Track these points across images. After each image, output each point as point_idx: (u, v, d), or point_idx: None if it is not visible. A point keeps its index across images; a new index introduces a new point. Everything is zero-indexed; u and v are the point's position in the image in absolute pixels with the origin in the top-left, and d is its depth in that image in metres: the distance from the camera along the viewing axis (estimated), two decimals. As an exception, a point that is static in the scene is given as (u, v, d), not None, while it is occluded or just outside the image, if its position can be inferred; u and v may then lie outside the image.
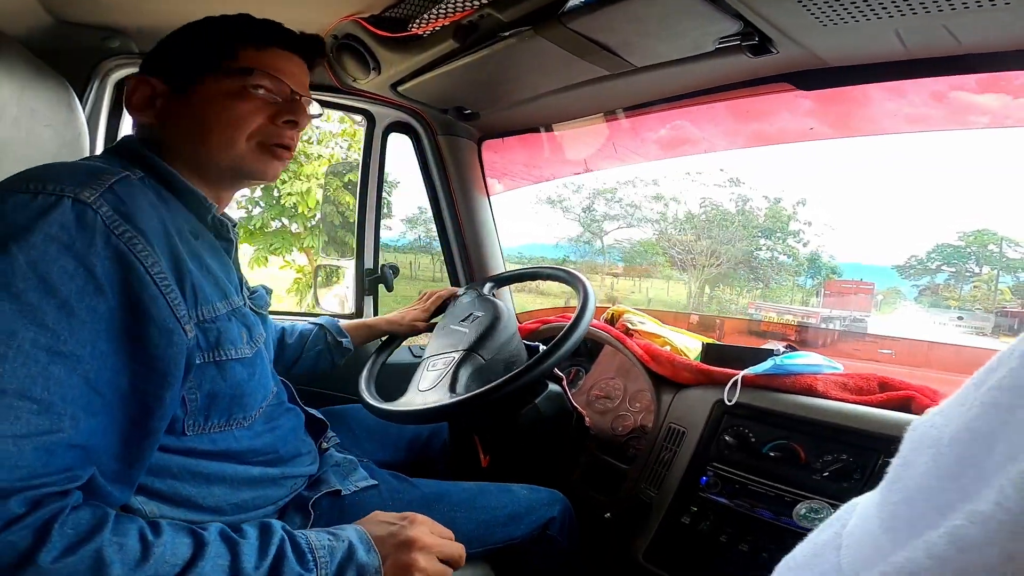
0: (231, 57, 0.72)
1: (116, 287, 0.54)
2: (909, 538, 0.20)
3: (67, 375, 0.50)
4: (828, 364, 1.03)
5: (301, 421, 0.87)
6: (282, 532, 0.61)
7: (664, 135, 1.46)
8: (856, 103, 1.09)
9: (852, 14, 0.76)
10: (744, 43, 0.87)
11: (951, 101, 0.99)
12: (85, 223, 0.54)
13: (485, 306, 1.15)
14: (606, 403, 1.26)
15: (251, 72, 0.72)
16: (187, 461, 0.66)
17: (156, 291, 0.57)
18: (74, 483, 0.51)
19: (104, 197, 0.56)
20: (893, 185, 8.52)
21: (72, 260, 0.52)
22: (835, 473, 0.85)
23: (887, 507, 0.23)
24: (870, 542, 0.23)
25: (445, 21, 0.98)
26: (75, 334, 0.51)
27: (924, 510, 0.20)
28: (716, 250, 9.71)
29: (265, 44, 0.74)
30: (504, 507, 0.90)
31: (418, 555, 0.65)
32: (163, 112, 0.72)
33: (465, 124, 1.48)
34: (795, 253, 9.58)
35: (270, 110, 0.74)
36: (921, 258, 7.43)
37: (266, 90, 0.73)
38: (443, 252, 1.61)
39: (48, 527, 0.47)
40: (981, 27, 0.75)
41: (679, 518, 0.95)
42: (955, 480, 0.20)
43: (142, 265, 0.56)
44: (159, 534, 0.53)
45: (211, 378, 0.65)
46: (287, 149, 0.77)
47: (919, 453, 0.22)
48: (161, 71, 0.72)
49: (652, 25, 0.84)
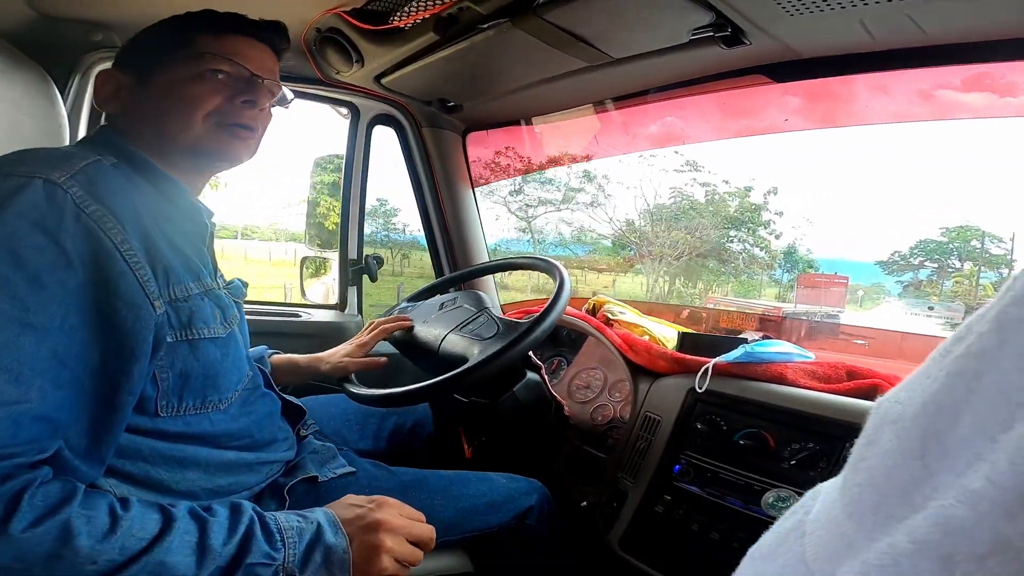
0: (188, 45, 0.74)
1: (86, 262, 0.55)
2: (875, 523, 0.19)
3: (36, 347, 0.51)
4: (799, 352, 1.04)
5: (277, 407, 0.87)
6: (252, 512, 0.62)
7: (644, 130, 1.47)
8: (836, 95, 1.10)
9: (816, 3, 0.77)
10: (717, 34, 0.89)
11: (935, 97, 1.00)
12: (55, 201, 0.55)
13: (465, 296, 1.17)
14: (586, 393, 1.28)
15: (204, 56, 0.73)
16: (160, 444, 0.66)
17: (125, 267, 0.58)
18: (42, 455, 0.52)
19: (75, 178, 0.58)
20: (875, 178, 8.45)
21: (42, 236, 0.53)
22: (802, 461, 0.86)
23: (850, 490, 0.22)
24: (834, 528, 0.22)
25: (425, 14, 0.99)
26: (45, 307, 0.52)
27: (887, 491, 0.20)
28: (677, 240, 9.10)
29: (222, 31, 0.76)
30: (483, 495, 0.91)
31: (385, 536, 0.66)
32: (127, 102, 0.74)
33: (449, 116, 1.49)
34: (767, 245, 9.14)
35: (227, 91, 0.75)
36: (904, 254, 7.35)
37: (224, 73, 0.75)
38: (427, 244, 1.63)
39: (18, 498, 0.48)
40: (945, 17, 0.76)
41: (653, 507, 0.96)
42: (919, 458, 0.19)
43: (111, 242, 0.57)
44: (128, 509, 0.55)
45: (183, 356, 0.66)
46: (248, 130, 0.77)
47: (881, 431, 0.21)
48: (125, 64, 0.75)
49: (626, 16, 0.85)
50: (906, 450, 0.19)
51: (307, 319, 1.50)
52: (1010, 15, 0.74)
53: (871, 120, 1.19)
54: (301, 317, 1.50)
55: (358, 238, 1.53)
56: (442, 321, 1.12)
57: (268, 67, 0.79)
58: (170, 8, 0.76)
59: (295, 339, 1.16)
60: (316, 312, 1.55)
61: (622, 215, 9.41)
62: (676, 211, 8.91)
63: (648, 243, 9.03)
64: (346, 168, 1.51)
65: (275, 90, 0.81)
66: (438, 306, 1.19)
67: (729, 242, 8.72)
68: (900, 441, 0.20)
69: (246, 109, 0.76)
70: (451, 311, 1.14)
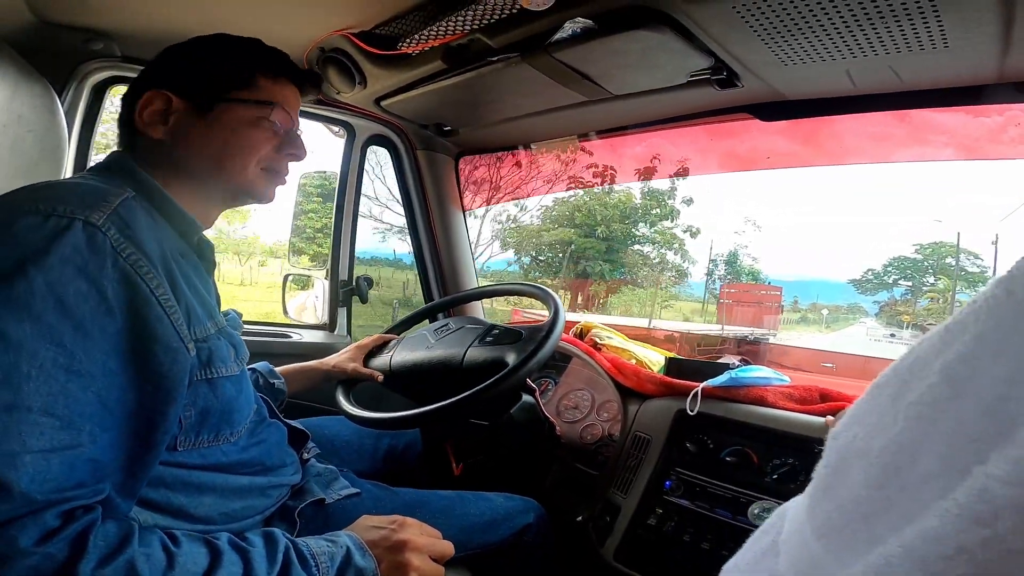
0: (251, 84, 0.76)
1: (124, 308, 0.56)
2: (840, 545, 0.22)
3: (82, 393, 0.52)
4: (776, 377, 1.12)
5: (284, 434, 0.88)
6: (286, 540, 0.63)
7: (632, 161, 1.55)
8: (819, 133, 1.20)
9: (810, 55, 0.85)
10: (713, 77, 0.96)
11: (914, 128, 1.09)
12: (96, 246, 0.56)
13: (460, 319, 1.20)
14: (575, 413, 1.31)
15: (272, 105, 0.76)
16: (179, 472, 0.67)
17: (161, 312, 0.59)
18: (98, 496, 0.53)
19: (111, 220, 0.58)
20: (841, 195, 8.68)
21: (85, 282, 0.54)
22: (783, 475, 0.93)
23: (819, 515, 0.24)
24: (803, 549, 0.24)
25: (435, 43, 1.02)
26: (89, 353, 0.53)
27: (853, 518, 0.22)
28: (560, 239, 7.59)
29: (279, 75, 0.79)
30: (482, 514, 0.94)
31: (411, 555, 0.68)
32: (176, 129, 0.73)
33: (443, 140, 1.53)
34: (681, 247, 7.82)
35: (276, 140, 0.79)
36: (877, 271, 7.28)
37: (281, 124, 0.78)
38: (417, 266, 1.64)
39: (84, 539, 0.49)
40: (920, 67, 0.85)
41: (646, 520, 1.00)
42: (880, 490, 0.21)
43: (147, 287, 0.58)
44: (178, 544, 0.56)
45: (204, 395, 0.67)
46: (284, 177, 0.83)
47: (849, 464, 0.23)
48: (177, 87, 0.73)
49: (632, 58, 0.91)
50: (871, 483, 0.21)
51: (297, 339, 1.49)
52: (973, 68, 0.84)
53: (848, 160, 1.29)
54: (291, 337, 1.49)
55: (349, 259, 1.54)
56: (449, 343, 1.14)
57: (297, 117, 0.84)
58: (177, 21, 0.77)
59: (284, 359, 1.15)
60: (305, 332, 1.54)
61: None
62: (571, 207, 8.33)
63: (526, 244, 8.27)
64: (339, 188, 1.52)
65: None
66: (433, 332, 1.21)
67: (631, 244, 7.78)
68: (866, 475, 0.22)
69: (289, 160, 0.82)
70: (452, 334, 1.16)
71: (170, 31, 0.99)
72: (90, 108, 1.18)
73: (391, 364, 1.17)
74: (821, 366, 1.92)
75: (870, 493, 0.21)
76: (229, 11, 1.02)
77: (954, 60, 0.81)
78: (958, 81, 0.89)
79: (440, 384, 1.14)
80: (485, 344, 1.07)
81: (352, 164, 1.51)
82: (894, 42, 0.78)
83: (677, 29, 0.82)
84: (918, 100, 0.94)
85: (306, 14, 1.04)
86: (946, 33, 0.74)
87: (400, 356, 1.18)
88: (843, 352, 3.05)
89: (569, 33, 0.87)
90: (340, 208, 1.52)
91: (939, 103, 0.93)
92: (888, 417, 0.22)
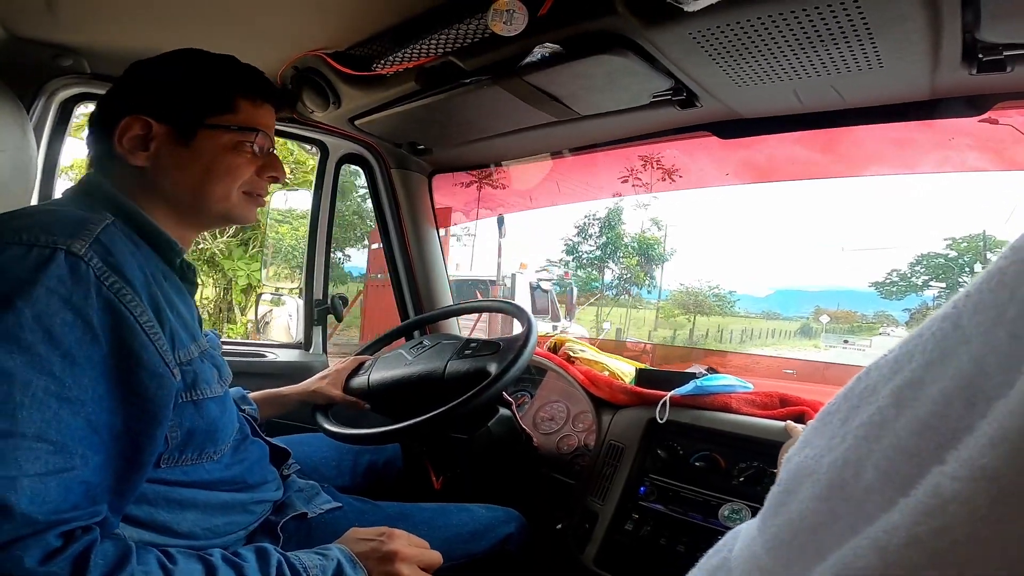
0: (231, 108, 0.76)
1: (109, 335, 0.57)
2: (789, 558, 0.23)
3: (74, 418, 0.54)
4: (740, 384, 1.17)
5: (265, 452, 0.88)
6: (278, 555, 0.64)
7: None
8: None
9: (760, 76, 0.91)
10: (674, 98, 1.01)
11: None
12: (79, 276, 0.57)
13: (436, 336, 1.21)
14: (551, 425, 1.33)
15: (255, 132, 0.77)
16: (161, 488, 0.67)
17: (145, 339, 0.60)
18: (96, 518, 0.55)
19: (93, 249, 0.59)
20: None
21: (71, 312, 0.55)
22: (749, 478, 0.97)
23: (770, 530, 0.25)
24: (753, 562, 0.25)
25: (409, 64, 1.05)
26: (77, 381, 0.55)
27: (801, 530, 0.23)
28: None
29: (258, 98, 0.79)
30: (464, 525, 0.95)
31: (401, 565, 0.70)
32: (158, 156, 0.73)
33: (417, 159, 1.55)
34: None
35: (257, 163, 0.79)
36: (904, 272, 6.01)
37: (261, 148, 0.79)
38: (392, 283, 1.65)
39: (85, 558, 0.51)
40: (860, 87, 0.92)
41: (623, 526, 1.03)
42: (826, 502, 0.22)
43: (131, 315, 0.59)
44: (174, 562, 0.57)
45: (190, 416, 0.68)
46: (263, 198, 0.84)
47: (800, 482, 0.24)
48: (156, 112, 0.72)
49: (598, 81, 0.96)
50: (817, 496, 0.23)
51: (272, 359, 1.47)
52: (908, 86, 0.91)
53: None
54: (266, 357, 1.47)
55: (324, 277, 1.54)
56: (428, 358, 1.14)
57: (273, 136, 0.84)
58: (144, 41, 0.77)
59: (260, 379, 1.14)
60: (280, 352, 1.53)
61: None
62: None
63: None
64: (313, 206, 1.53)
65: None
66: (410, 349, 1.22)
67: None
68: (813, 490, 0.23)
69: (269, 183, 0.82)
70: (431, 349, 1.17)
71: (141, 49, 0.98)
72: (57, 125, 1.17)
73: (369, 384, 1.17)
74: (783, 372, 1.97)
75: (817, 506, 0.23)
76: (202, 29, 1.02)
77: (890, 79, 0.88)
78: (895, 98, 0.96)
79: (423, 398, 1.13)
80: (465, 356, 1.09)
81: (326, 182, 1.52)
82: (834, 63, 0.84)
83: (639, 53, 0.87)
84: (860, 117, 1.01)
85: (280, 34, 1.06)
86: (880, 55, 0.80)
87: (378, 375, 1.17)
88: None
89: (538, 57, 0.91)
90: (314, 227, 1.53)
91: (879, 119, 1.00)
92: (837, 439, 0.23)
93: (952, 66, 0.82)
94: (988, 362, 0.19)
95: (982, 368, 0.19)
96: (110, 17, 1.00)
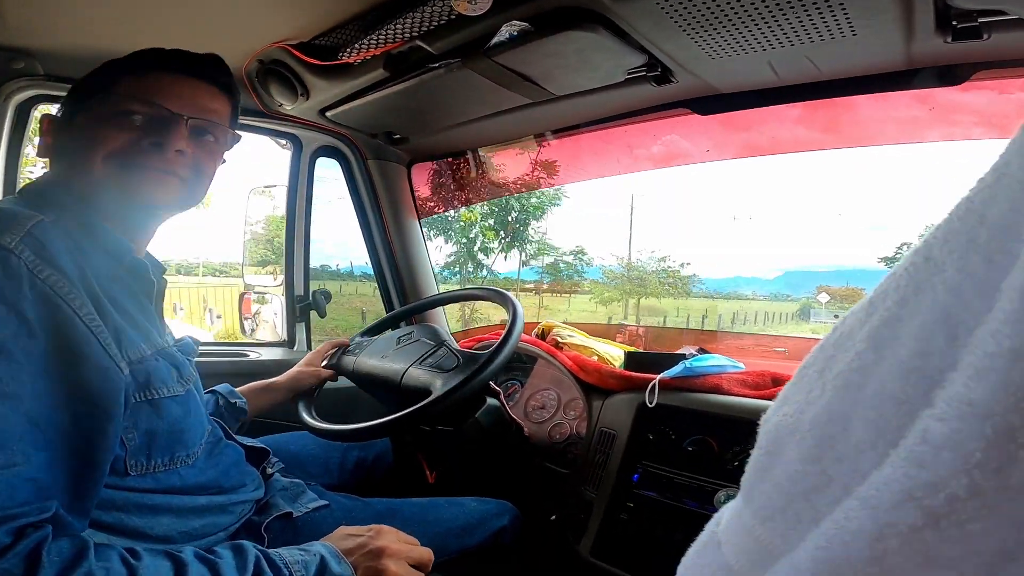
0: (110, 86, 0.71)
1: (47, 329, 0.56)
2: (786, 526, 0.21)
3: (12, 414, 0.52)
4: (731, 363, 1.14)
5: (241, 455, 0.86)
6: (256, 551, 0.62)
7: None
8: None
9: (733, 48, 0.88)
10: (649, 74, 0.98)
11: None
12: (10, 269, 0.55)
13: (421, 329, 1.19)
14: (542, 413, 1.32)
15: (115, 96, 0.71)
16: (132, 495, 0.65)
17: (86, 330, 0.58)
18: (45, 514, 0.53)
19: (24, 242, 0.57)
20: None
21: (3, 306, 0.53)
22: (744, 461, 0.95)
23: (758, 498, 0.23)
24: (748, 536, 0.23)
25: (376, 51, 1.02)
26: (15, 376, 0.53)
27: (793, 496, 0.21)
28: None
29: (146, 70, 0.73)
30: (456, 519, 0.94)
31: (389, 561, 0.68)
32: (55, 148, 0.73)
33: (394, 148, 1.51)
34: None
35: (136, 132, 0.70)
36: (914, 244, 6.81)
37: (140, 114, 0.71)
38: (375, 276, 1.62)
39: (37, 554, 0.49)
40: (835, 57, 0.89)
41: (618, 515, 1.01)
42: (816, 463, 0.20)
43: (70, 307, 0.57)
44: (139, 558, 0.55)
45: (147, 416, 0.66)
46: (163, 172, 0.72)
47: (783, 442, 0.22)
48: (60, 109, 0.74)
49: (570, 59, 0.92)
50: (805, 457, 0.21)
51: (255, 358, 1.45)
52: (883, 55, 0.88)
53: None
54: (249, 356, 1.45)
55: (304, 273, 1.51)
56: (401, 355, 1.13)
57: (204, 105, 0.75)
58: (100, 40, 0.74)
59: (244, 379, 1.12)
60: (264, 351, 1.50)
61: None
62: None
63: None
64: (288, 202, 1.49)
65: (209, 128, 0.76)
66: (395, 340, 1.21)
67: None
68: (800, 450, 0.21)
69: (154, 151, 0.71)
70: (409, 345, 1.16)
71: (96, 49, 0.95)
72: (15, 127, 1.15)
73: (355, 366, 1.19)
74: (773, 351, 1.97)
75: (806, 468, 0.21)
76: (157, 28, 0.99)
77: (864, 48, 0.85)
78: (871, 68, 0.93)
79: (382, 397, 1.17)
80: (423, 366, 1.07)
81: (301, 177, 1.48)
82: (807, 32, 0.81)
83: (609, 28, 0.84)
84: (837, 89, 0.98)
85: (241, 27, 1.03)
86: (852, 22, 0.77)
87: (363, 359, 1.19)
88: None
89: (507, 36, 0.88)
90: (291, 223, 1.49)
91: (856, 91, 0.97)
92: (816, 391, 0.22)
93: (927, 34, 0.79)
94: (965, 289, 0.18)
95: (959, 296, 0.18)
96: (62, 18, 0.97)
